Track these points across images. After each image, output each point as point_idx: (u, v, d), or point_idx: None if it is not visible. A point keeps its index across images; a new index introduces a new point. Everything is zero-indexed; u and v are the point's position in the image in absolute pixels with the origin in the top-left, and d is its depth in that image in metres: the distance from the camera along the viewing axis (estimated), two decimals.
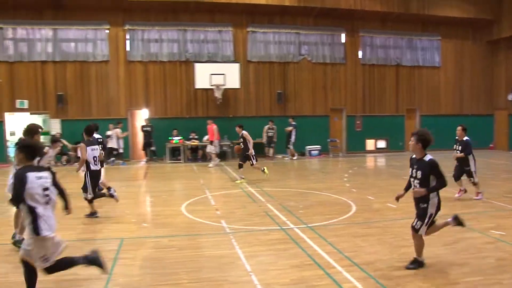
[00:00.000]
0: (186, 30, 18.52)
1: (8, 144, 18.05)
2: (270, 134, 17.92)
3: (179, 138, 17.52)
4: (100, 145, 9.50)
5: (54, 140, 11.21)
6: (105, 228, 7.63)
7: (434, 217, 5.09)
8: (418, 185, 5.06)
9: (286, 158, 18.04)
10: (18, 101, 17.77)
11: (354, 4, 18.54)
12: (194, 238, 6.84)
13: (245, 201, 9.63)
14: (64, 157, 17.34)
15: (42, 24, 17.72)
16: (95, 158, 8.12)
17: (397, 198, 5.43)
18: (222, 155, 17.44)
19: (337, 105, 20.00)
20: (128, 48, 18.23)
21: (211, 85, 17.53)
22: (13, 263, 5.57)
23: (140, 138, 18.39)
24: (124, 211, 8.82)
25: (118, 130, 17.00)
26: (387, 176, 13.76)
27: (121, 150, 17.33)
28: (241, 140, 12.22)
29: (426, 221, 5.07)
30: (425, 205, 5.06)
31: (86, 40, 18.05)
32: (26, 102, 17.81)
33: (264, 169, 12.21)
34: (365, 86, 20.30)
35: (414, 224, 5.13)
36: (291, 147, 18.16)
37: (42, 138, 18.64)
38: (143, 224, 7.93)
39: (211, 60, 18.43)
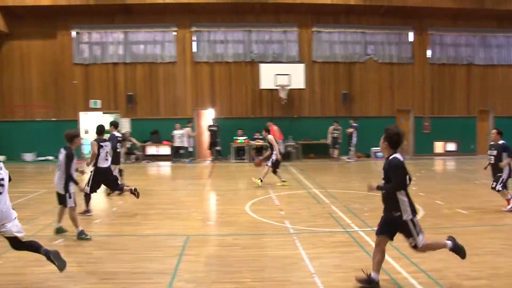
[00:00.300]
0: (251, 31, 19.24)
1: (82, 142, 19.45)
2: (335, 135, 18.23)
3: (244, 138, 18.23)
4: (119, 143, 10.71)
5: (123, 139, 12.14)
6: (171, 224, 8.01)
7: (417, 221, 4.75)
8: None
9: (350, 160, 18.22)
10: (91, 101, 19.25)
11: (423, 1, 18.51)
12: (258, 237, 7.03)
13: (309, 202, 9.80)
14: (133, 155, 18.47)
15: (114, 28, 19.13)
16: (107, 155, 8.77)
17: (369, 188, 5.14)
18: (286, 156, 17.91)
19: (404, 106, 19.97)
20: (194, 49, 19.28)
21: (276, 86, 18.12)
22: (88, 254, 6.32)
23: (206, 137, 19.24)
24: (190, 209, 9.27)
25: (189, 129, 18.01)
26: (457, 180, 13.37)
27: (190, 149, 18.27)
28: (268, 144, 12.32)
29: (414, 231, 4.71)
30: (398, 213, 4.74)
31: (154, 42, 19.25)
32: (99, 102, 19.23)
33: (284, 181, 11.98)
34: (434, 86, 20.15)
35: (410, 243, 4.78)
36: (352, 149, 18.34)
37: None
38: (208, 222, 8.40)
39: (276, 60, 19.07)
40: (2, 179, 4.84)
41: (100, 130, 9.19)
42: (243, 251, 6.34)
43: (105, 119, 20.95)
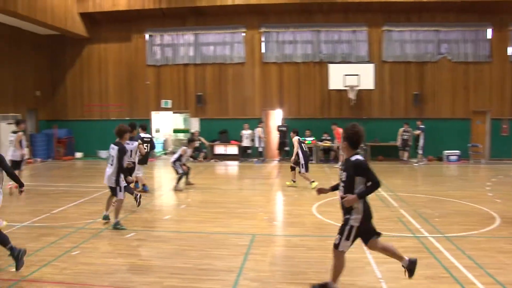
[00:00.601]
0: (320, 31, 19.76)
1: (153, 140, 20.82)
2: (405, 137, 18.33)
3: (312, 138, 18.79)
4: (147, 144, 11.57)
5: (191, 140, 13.18)
6: (238, 223, 8.44)
7: (358, 230, 4.77)
8: (342, 189, 4.83)
9: (419, 163, 18.11)
10: (163, 101, 20.60)
11: None
12: (324, 239, 7.14)
13: (377, 205, 9.64)
14: (202, 154, 19.51)
15: (185, 31, 20.42)
16: (131, 154, 9.54)
17: (319, 191, 5.22)
18: None
19: (480, 107, 19.64)
20: (263, 50, 20.06)
21: (345, 86, 18.54)
22: (158, 248, 6.90)
23: (274, 137, 19.94)
24: (257, 208, 9.78)
25: (260, 129, 18.80)
26: None
27: (260, 149, 19.09)
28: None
29: (345, 234, 4.75)
30: (348, 216, 4.78)
31: (224, 44, 20.30)
32: (170, 102, 20.55)
33: (313, 181, 12.34)
34: None
35: (335, 239, 4.83)
36: (420, 151, 18.28)
37: (182, 135, 21.31)
38: (274, 222, 8.85)
39: (345, 60, 19.51)
40: None
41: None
42: (309, 252, 6.59)
43: (176, 119, 22.32)
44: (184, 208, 10.06)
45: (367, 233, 4.88)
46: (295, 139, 12.76)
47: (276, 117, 20.68)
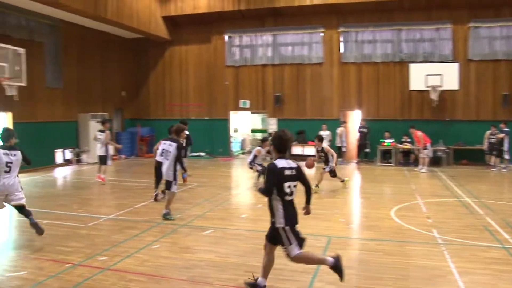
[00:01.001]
0: (401, 29, 20.07)
1: (231, 140, 22.15)
2: (492, 140, 18.27)
3: (391, 140, 19.22)
4: (185, 139, 12.79)
5: (264, 140, 14.02)
6: (315, 224, 8.58)
7: (293, 230, 5.20)
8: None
9: (504, 168, 17.80)
10: (241, 101, 21.85)
11: None
12: (402, 245, 7.33)
13: (461, 212, 9.95)
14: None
15: (264, 31, 21.61)
16: (162, 152, 10.34)
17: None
18: (436, 161, 18.39)
19: None
20: (342, 50, 20.79)
21: (427, 87, 18.77)
22: (235, 246, 7.41)
23: (352, 138, 20.53)
24: (333, 210, 10.16)
25: (343, 129, 19.73)
26: None
27: (344, 149, 19.96)
28: (322, 154, 13.32)
29: (285, 241, 5.16)
30: (273, 220, 5.21)
31: (302, 44, 21.23)
32: (248, 102, 21.78)
33: (344, 180, 13.35)
34: None
35: (284, 251, 5.26)
36: (507, 156, 17.98)
37: (260, 135, 22.45)
38: (351, 224, 9.22)
39: (427, 60, 19.78)
40: (11, 162, 7.43)
41: (169, 130, 10.97)
42: (386, 257, 6.70)
43: (254, 119, 23.52)
44: (261, 208, 10.30)
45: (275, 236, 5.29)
46: (326, 147, 13.34)
47: (354, 118, 21.24)
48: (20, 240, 8.13)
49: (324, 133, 20.02)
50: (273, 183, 5.08)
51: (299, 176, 5.27)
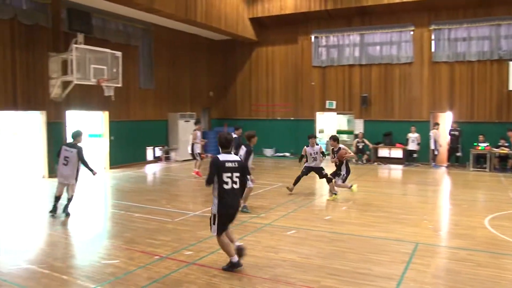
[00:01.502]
0: (500, 25, 19.01)
1: (317, 140, 22.14)
2: None
3: (486, 144, 18.22)
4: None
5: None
6: (400, 229, 8.57)
7: (220, 218, 6.16)
8: None
9: None
10: (327, 102, 21.74)
11: None
12: (497, 256, 6.98)
13: None
14: (365, 156, 20.21)
15: (351, 31, 21.40)
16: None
17: None
18: None
19: None
20: (433, 49, 20.01)
21: None
22: (318, 248, 7.42)
23: (442, 141, 19.69)
24: (421, 216, 9.83)
25: (436, 131, 18.85)
26: None
27: (436, 152, 19.45)
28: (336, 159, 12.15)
29: (211, 221, 6.26)
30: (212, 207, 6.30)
31: (390, 43, 20.74)
32: (334, 103, 21.59)
33: (335, 193, 12.07)
34: None
35: None
36: None
37: (346, 137, 22.31)
38: (439, 231, 8.90)
39: None
40: (67, 157, 9.41)
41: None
42: (477, 269, 6.42)
43: (340, 120, 23.40)
44: (345, 210, 10.66)
45: (226, 221, 6.32)
46: (342, 151, 12.30)
47: (445, 120, 20.33)
48: (113, 231, 8.83)
49: (413, 136, 19.47)
50: (213, 174, 6.11)
51: (241, 169, 6.29)
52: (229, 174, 6.11)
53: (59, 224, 9.39)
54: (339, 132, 23.71)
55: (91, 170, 9.86)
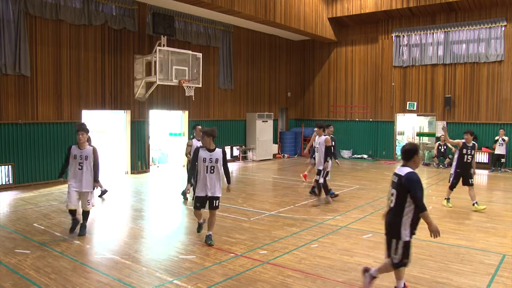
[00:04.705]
0: None
1: (396, 143, 21.72)
2: None
3: None
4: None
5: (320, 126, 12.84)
6: (485, 239, 8.23)
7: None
8: None
9: None
10: (408, 103, 21.24)
11: None
12: None
13: None
14: (447, 160, 19.53)
15: (434, 29, 20.81)
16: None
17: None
18: None
19: None
20: None
21: None
22: (415, 254, 6.69)
23: None
24: (509, 225, 9.37)
25: None
26: None
27: None
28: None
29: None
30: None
31: (478, 40, 19.95)
32: (415, 104, 21.04)
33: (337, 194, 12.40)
34: None
35: None
36: None
37: (426, 139, 21.64)
38: None
39: None
40: (82, 163, 8.36)
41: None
42: None
43: (420, 121, 22.79)
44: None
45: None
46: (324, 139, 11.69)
47: None
48: (190, 227, 9.17)
49: (501, 139, 18.54)
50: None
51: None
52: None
53: (140, 218, 10.20)
54: (419, 134, 23.09)
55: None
